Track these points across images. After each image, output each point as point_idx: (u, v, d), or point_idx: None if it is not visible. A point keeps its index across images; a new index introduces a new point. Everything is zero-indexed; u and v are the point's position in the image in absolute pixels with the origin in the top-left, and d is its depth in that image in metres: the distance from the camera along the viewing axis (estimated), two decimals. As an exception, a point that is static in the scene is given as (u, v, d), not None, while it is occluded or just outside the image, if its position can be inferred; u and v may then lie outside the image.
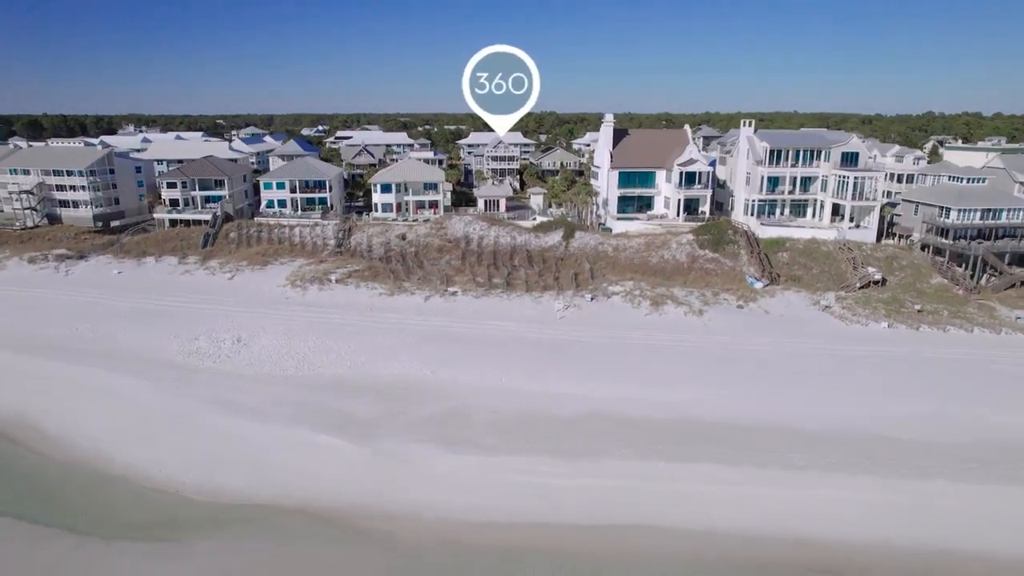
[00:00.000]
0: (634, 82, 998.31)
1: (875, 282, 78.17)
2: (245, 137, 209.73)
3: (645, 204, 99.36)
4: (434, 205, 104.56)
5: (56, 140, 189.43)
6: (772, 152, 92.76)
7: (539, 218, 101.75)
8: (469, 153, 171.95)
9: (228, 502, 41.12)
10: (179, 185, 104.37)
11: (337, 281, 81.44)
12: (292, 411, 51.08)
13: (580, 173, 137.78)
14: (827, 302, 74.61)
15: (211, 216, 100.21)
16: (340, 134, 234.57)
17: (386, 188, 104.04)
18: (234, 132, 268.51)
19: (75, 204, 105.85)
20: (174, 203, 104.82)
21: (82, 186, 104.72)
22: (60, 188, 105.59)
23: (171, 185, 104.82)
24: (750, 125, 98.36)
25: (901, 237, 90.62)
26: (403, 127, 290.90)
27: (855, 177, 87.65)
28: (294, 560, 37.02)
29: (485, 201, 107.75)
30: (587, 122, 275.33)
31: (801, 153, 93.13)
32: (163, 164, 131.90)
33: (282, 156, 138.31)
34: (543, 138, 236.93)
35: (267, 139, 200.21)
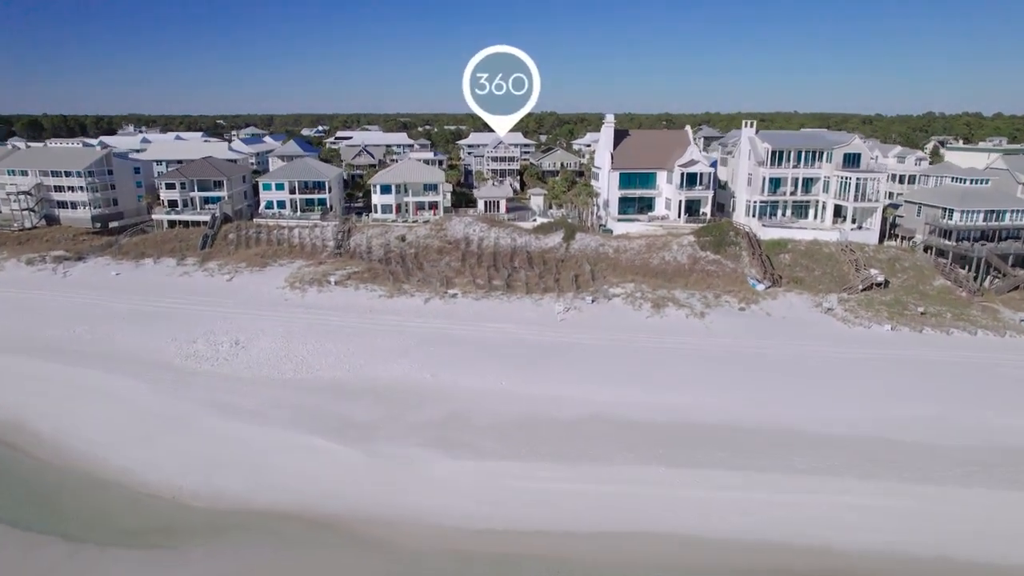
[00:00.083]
0: (634, 82, 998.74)
1: (877, 284, 77.77)
2: (245, 137, 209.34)
3: (646, 205, 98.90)
4: (434, 206, 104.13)
5: (56, 140, 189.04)
6: (774, 153, 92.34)
7: (539, 219, 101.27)
8: (469, 154, 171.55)
9: (225, 507, 40.70)
10: (178, 186, 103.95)
11: (336, 283, 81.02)
12: (290, 414, 50.68)
13: (580, 174, 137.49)
14: (829, 304, 74.16)
15: (210, 217, 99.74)
16: (340, 134, 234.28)
17: (386, 189, 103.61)
18: (234, 132, 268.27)
19: (73, 205, 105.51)
20: (173, 204, 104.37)
21: (80, 187, 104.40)
22: (58, 189, 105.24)
23: (170, 186, 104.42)
24: (751, 126, 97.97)
25: (903, 239, 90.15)
26: (403, 127, 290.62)
27: (857, 178, 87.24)
28: (292, 567, 36.62)
29: (485, 202, 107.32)
30: (587, 122, 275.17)
31: (803, 154, 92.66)
32: (162, 165, 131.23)
33: (282, 157, 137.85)
34: (543, 138, 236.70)
35: (267, 139, 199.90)
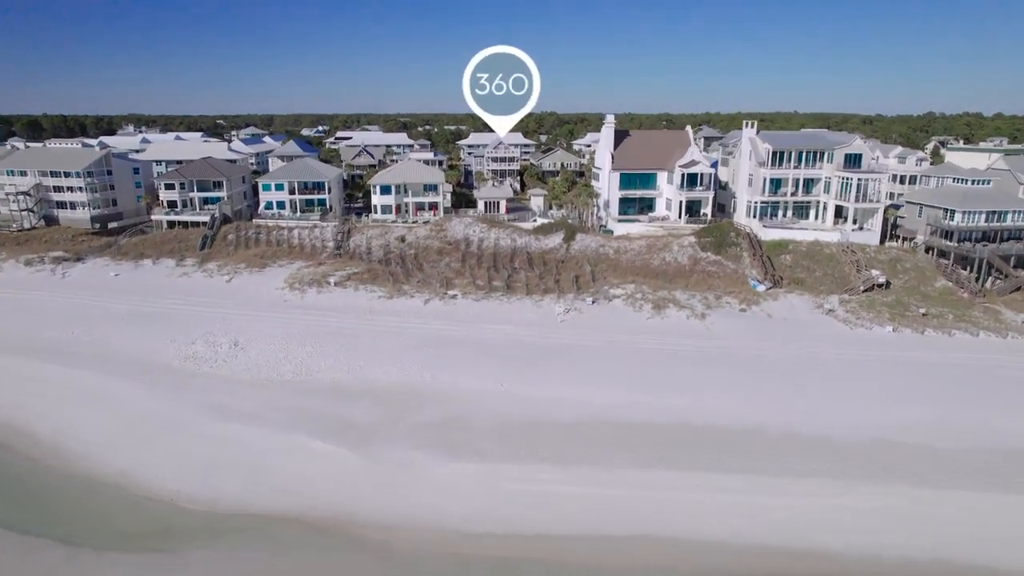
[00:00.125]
0: (634, 82, 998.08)
1: (879, 285, 77.51)
2: (245, 138, 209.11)
3: (646, 206, 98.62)
4: (434, 207, 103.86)
5: (56, 140, 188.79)
6: (775, 153, 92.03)
7: (539, 220, 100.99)
8: (469, 154, 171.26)
9: (223, 510, 40.47)
10: (177, 186, 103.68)
11: (336, 284, 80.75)
12: (289, 416, 50.38)
13: (580, 174, 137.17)
14: (830, 305, 73.87)
15: (209, 218, 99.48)
16: (340, 134, 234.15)
17: (385, 190, 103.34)
18: (234, 132, 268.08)
19: (72, 205, 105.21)
20: (172, 205, 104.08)
21: (79, 187, 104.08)
22: (57, 189, 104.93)
23: (169, 186, 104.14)
24: (752, 126, 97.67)
25: (905, 239, 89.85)
26: (403, 127, 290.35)
27: (858, 179, 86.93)
28: (289, 570, 36.39)
29: (485, 203, 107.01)
30: (587, 122, 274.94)
31: (804, 155, 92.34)
32: (162, 165, 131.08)
33: (281, 157, 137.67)
34: (543, 139, 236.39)
35: (267, 140, 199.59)
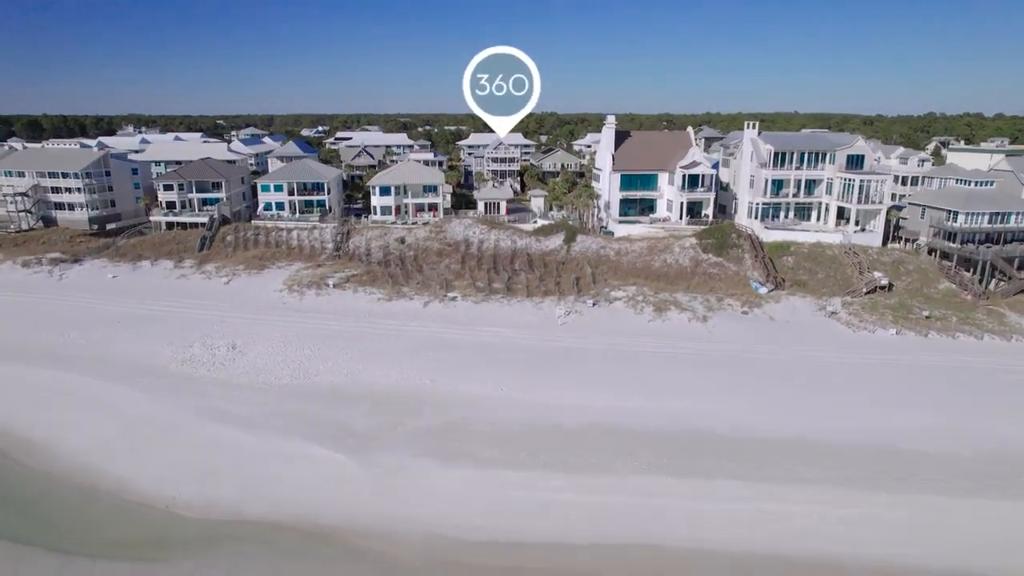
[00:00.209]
0: (634, 82, 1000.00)
1: (881, 287, 76.89)
2: (244, 138, 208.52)
3: (647, 207, 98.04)
4: (434, 208, 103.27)
5: (56, 141, 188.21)
6: (776, 154, 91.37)
7: (540, 221, 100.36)
8: (469, 154, 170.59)
9: (219, 518, 39.86)
10: (176, 187, 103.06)
11: (335, 286, 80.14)
12: (287, 422, 49.79)
13: (581, 175, 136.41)
14: (833, 308, 73.25)
15: (208, 219, 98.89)
16: (340, 135, 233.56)
17: (385, 191, 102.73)
18: (233, 133, 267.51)
19: (71, 206, 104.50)
20: (171, 205, 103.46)
21: (77, 188, 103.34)
22: (55, 190, 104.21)
23: (168, 187, 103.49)
24: (754, 127, 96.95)
25: (907, 241, 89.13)
26: (403, 128, 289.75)
27: (860, 180, 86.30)
28: (286, 581, 35.78)
29: (485, 204, 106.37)
30: (588, 123, 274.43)
31: (806, 156, 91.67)
32: (161, 166, 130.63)
33: (281, 157, 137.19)
34: (544, 139, 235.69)
35: (266, 140, 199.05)
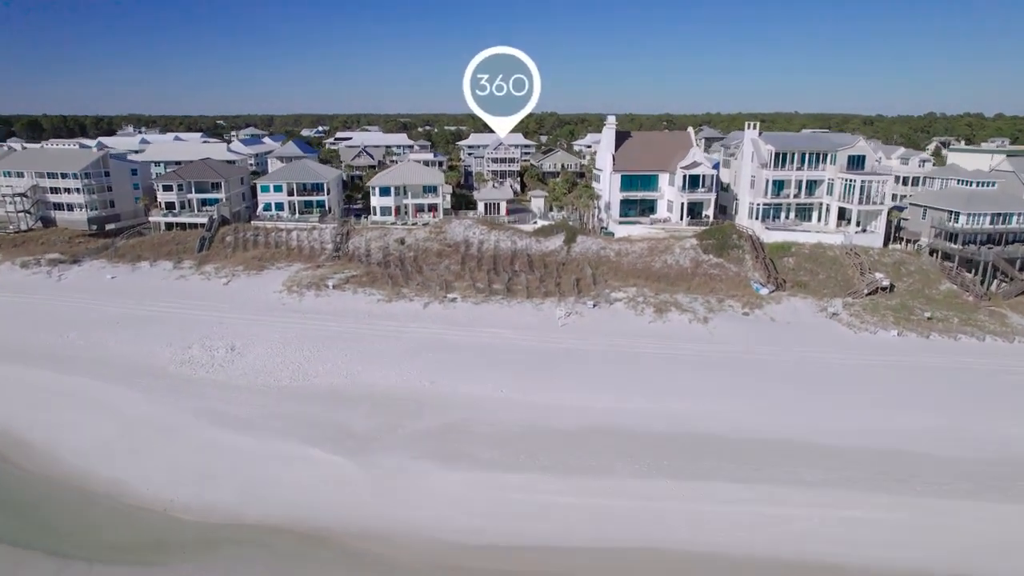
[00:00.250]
0: (635, 82, 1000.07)
1: (883, 288, 76.66)
2: (244, 138, 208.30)
3: (648, 208, 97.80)
4: (433, 208, 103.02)
5: (56, 141, 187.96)
6: (777, 155, 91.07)
7: (540, 222, 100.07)
8: (469, 154, 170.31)
9: (217, 521, 39.59)
10: (175, 188, 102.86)
11: (334, 287, 79.89)
12: (286, 424, 49.55)
13: (581, 175, 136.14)
14: (834, 309, 73.01)
15: (207, 219, 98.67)
16: (340, 135, 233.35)
17: (385, 191, 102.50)
18: (233, 133, 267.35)
19: (70, 207, 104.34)
20: (170, 206, 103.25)
21: (77, 189, 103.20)
22: (54, 191, 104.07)
23: (167, 188, 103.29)
24: (755, 127, 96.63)
25: (909, 242, 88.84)
26: (403, 128, 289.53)
27: (862, 180, 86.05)
28: (285, 584, 35.54)
29: (485, 204, 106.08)
30: (588, 123, 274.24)
31: (807, 156, 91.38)
32: (160, 166, 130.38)
33: (281, 158, 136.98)
34: (544, 139, 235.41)
35: (266, 140, 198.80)
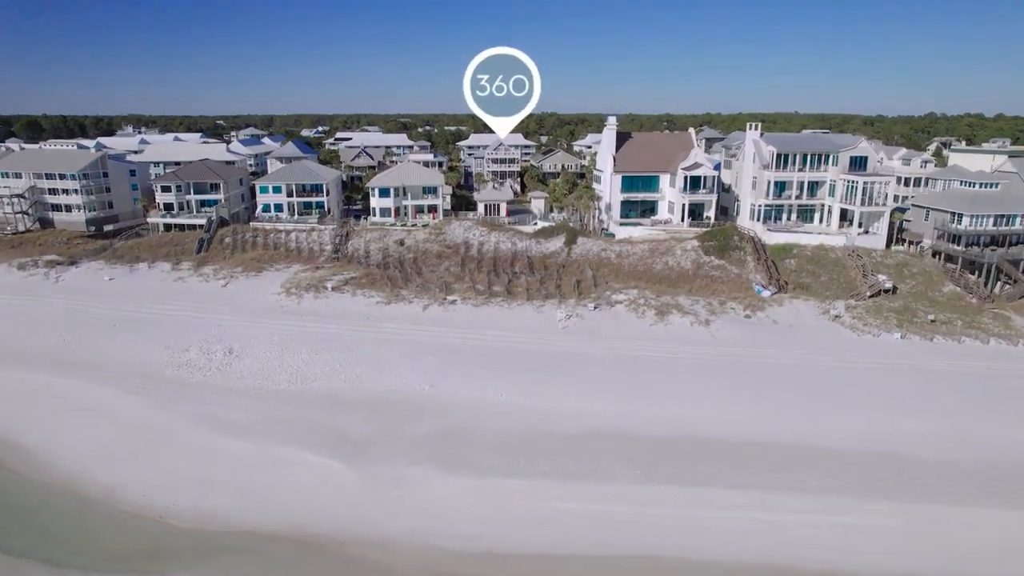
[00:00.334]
0: (635, 83, 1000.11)
1: (886, 290, 76.09)
2: (244, 139, 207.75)
3: (649, 209, 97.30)
4: (433, 210, 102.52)
5: (56, 141, 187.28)
6: (779, 156, 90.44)
7: (540, 223, 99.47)
8: (469, 155, 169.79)
9: (214, 529, 39.14)
10: (174, 189, 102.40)
11: (333, 289, 79.38)
12: (284, 428, 49.07)
13: (581, 175, 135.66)
14: (837, 311, 72.48)
15: (206, 221, 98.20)
16: (340, 135, 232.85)
17: (384, 192, 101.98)
18: (233, 133, 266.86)
19: (68, 208, 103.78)
20: (168, 207, 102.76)
21: (75, 190, 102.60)
22: (52, 192, 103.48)
23: (166, 189, 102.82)
24: (756, 128, 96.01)
25: (911, 243, 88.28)
26: (403, 128, 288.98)
27: (864, 182, 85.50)
28: (282, 593, 35.07)
29: (485, 205, 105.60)
30: (588, 123, 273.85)
31: (809, 157, 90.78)
32: (159, 166, 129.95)
33: (280, 158, 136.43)
34: (544, 139, 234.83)
35: (265, 141, 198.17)
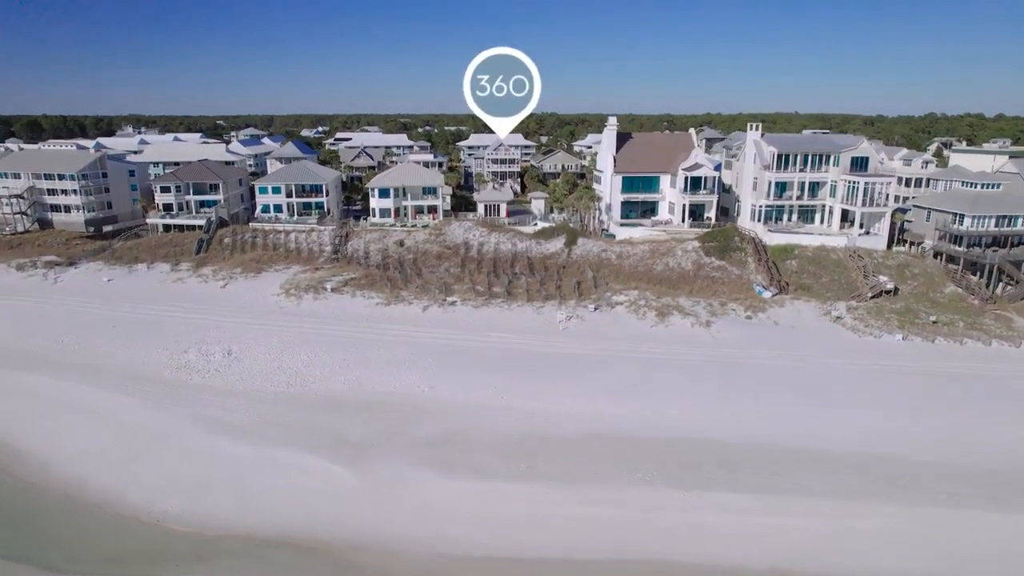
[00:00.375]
0: (635, 83, 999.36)
1: (887, 291, 75.79)
2: (244, 139, 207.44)
3: (649, 210, 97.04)
4: (433, 210, 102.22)
5: (55, 141, 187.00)
6: (780, 156, 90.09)
7: (540, 223, 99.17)
8: (469, 155, 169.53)
9: (211, 533, 38.81)
10: (173, 189, 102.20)
11: (333, 290, 79.09)
12: (282, 431, 48.76)
13: (582, 176, 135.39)
14: (838, 312, 72.19)
15: (205, 221, 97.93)
16: (340, 135, 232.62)
17: (384, 193, 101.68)
18: (233, 133, 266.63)
19: (67, 209, 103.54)
20: (168, 208, 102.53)
21: (74, 190, 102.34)
22: (51, 192, 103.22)
23: (165, 189, 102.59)
24: (757, 128, 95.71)
25: (912, 244, 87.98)
26: (403, 128, 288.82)
27: (865, 182, 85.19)
28: (280, 598, 34.78)
29: (485, 206, 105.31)
30: (588, 123, 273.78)
31: (810, 158, 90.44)
32: (159, 167, 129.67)
33: (280, 159, 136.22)
34: (544, 140, 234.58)
35: (265, 141, 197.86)
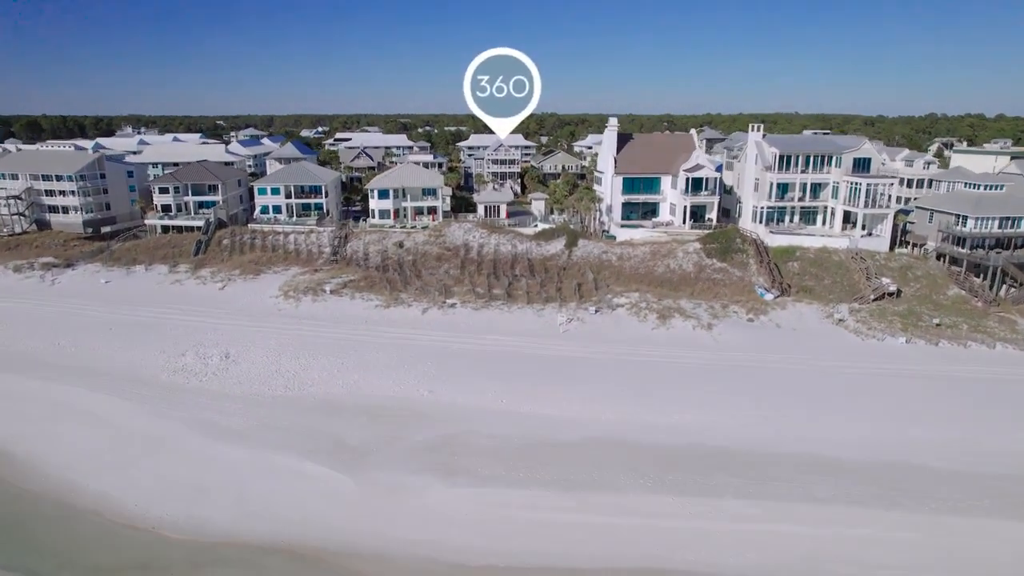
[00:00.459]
0: (635, 83, 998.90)
1: (889, 294, 75.26)
2: (243, 139, 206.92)
3: (650, 211, 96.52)
4: (433, 211, 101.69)
5: (54, 142, 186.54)
6: (781, 157, 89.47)
7: (540, 225, 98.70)
8: (469, 155, 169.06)
9: (207, 540, 38.28)
10: (171, 190, 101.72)
11: (332, 292, 78.54)
12: (280, 436, 48.21)
13: (582, 176, 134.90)
14: (840, 315, 71.63)
15: (204, 222, 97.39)
16: (339, 136, 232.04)
17: (384, 194, 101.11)
18: (233, 134, 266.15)
19: (65, 210, 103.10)
20: (166, 209, 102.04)
21: (72, 191, 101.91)
22: (49, 193, 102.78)
23: (163, 190, 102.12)
24: (759, 129, 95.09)
25: (915, 246, 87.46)
26: (403, 128, 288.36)
27: (867, 183, 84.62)
28: (276, 607, 34.25)
29: (485, 207, 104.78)
30: (588, 124, 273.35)
31: (812, 159, 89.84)
32: (158, 167, 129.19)
33: (279, 159, 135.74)
34: (544, 140, 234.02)
35: (265, 141, 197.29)
